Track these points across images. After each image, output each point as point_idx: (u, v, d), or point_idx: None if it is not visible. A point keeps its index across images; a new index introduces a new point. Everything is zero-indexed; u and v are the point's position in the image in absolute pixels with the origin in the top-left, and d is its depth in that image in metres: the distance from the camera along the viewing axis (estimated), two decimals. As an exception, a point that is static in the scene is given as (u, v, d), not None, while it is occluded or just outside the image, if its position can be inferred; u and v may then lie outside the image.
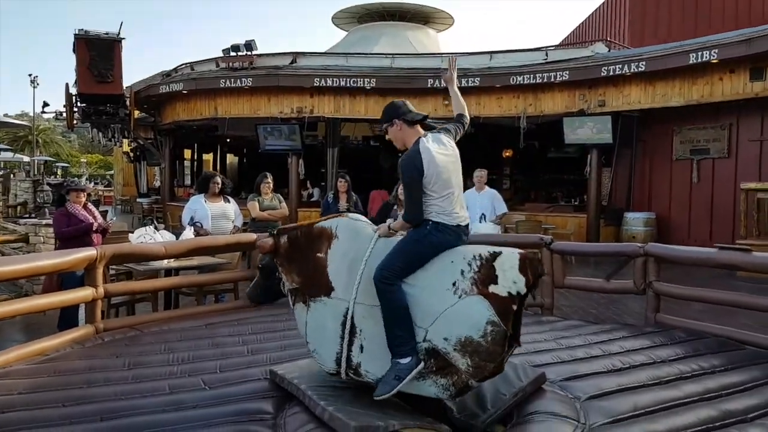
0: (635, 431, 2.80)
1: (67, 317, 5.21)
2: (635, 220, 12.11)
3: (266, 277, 3.37)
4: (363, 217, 3.31)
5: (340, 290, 3.02)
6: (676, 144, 12.18)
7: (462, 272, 2.81)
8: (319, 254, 3.11)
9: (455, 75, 3.36)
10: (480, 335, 2.71)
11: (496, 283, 2.74)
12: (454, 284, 2.81)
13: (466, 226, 3.02)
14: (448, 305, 2.79)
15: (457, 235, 2.94)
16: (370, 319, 2.94)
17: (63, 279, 5.16)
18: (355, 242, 3.06)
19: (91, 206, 5.86)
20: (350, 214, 3.31)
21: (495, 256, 2.78)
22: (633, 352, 4.08)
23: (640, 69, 11.35)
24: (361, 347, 2.96)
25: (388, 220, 3.20)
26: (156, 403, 3.10)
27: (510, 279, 2.73)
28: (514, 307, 2.74)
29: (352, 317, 2.97)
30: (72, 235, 5.49)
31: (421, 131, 3.06)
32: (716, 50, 10.34)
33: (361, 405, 2.85)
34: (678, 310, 5.78)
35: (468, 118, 3.30)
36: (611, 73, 11.73)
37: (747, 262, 4.72)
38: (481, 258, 2.80)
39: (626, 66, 11.52)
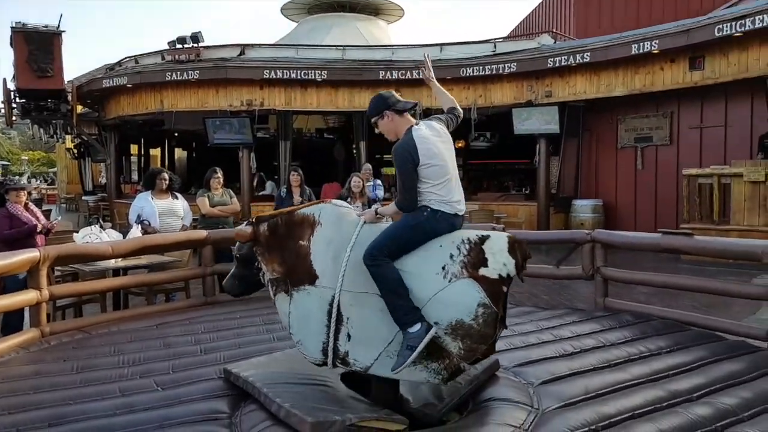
0: (586, 414, 2.88)
1: (11, 322, 5.01)
2: (583, 207, 12.50)
3: (244, 267, 3.22)
4: (346, 203, 3.28)
5: (325, 278, 2.93)
6: (620, 132, 12.59)
7: (451, 256, 2.80)
8: (301, 242, 3.00)
9: (432, 72, 3.34)
10: (471, 318, 2.71)
11: (486, 265, 2.76)
12: (443, 268, 2.79)
13: (462, 216, 3.01)
14: (438, 289, 2.78)
15: (452, 225, 2.92)
16: (358, 306, 2.89)
17: (5, 282, 4.96)
18: (339, 229, 3.00)
19: (32, 206, 5.65)
20: (333, 200, 3.23)
21: (483, 239, 2.81)
22: (583, 337, 4.21)
23: (584, 60, 11.65)
24: (349, 335, 2.89)
25: (375, 205, 3.18)
26: (107, 407, 3.02)
27: (500, 261, 2.75)
28: (505, 289, 2.78)
29: (339, 305, 2.89)
30: (15, 237, 5.27)
31: (413, 120, 3.04)
32: (657, 41, 10.70)
33: (318, 400, 2.85)
34: (625, 294, 5.99)
35: (461, 110, 3.28)
36: (557, 65, 12.01)
37: (689, 246, 4.88)
38: (469, 242, 2.81)
39: (571, 57, 11.81)
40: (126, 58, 15.24)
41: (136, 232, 5.74)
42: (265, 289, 3.25)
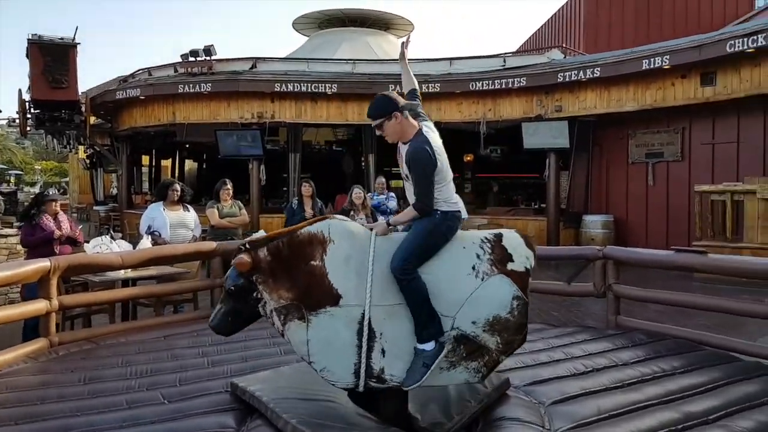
0: (599, 435, 2.82)
1: (32, 329, 5.02)
2: (593, 223, 12.40)
3: (239, 301, 2.90)
4: (347, 218, 3.25)
5: (350, 296, 2.79)
6: (631, 148, 12.52)
7: (478, 256, 2.92)
8: (313, 262, 2.81)
9: (407, 51, 3.41)
10: (507, 311, 2.86)
11: (512, 260, 2.94)
12: (473, 268, 2.89)
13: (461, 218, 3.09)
14: (473, 289, 2.85)
15: (460, 222, 3.02)
16: (391, 319, 2.81)
17: (26, 289, 5.06)
18: (354, 243, 2.89)
19: (61, 216, 5.86)
20: (336, 215, 3.15)
21: (499, 237, 2.99)
22: (595, 355, 4.12)
23: (595, 75, 11.64)
24: (383, 351, 2.80)
25: (382, 218, 3.14)
26: (113, 419, 3.00)
27: (523, 255, 2.96)
28: (530, 280, 2.97)
29: (370, 322, 2.78)
30: (34, 243, 5.57)
31: (416, 122, 3.01)
32: (668, 56, 10.68)
33: (325, 417, 2.82)
34: (637, 312, 5.89)
35: (419, 92, 3.34)
36: (567, 79, 11.99)
37: (703, 264, 4.80)
38: (489, 240, 2.96)
39: (581, 72, 11.80)
40: (139, 70, 15.43)
41: (146, 242, 5.75)
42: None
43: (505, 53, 14.16)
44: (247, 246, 2.85)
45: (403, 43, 3.43)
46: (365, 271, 2.83)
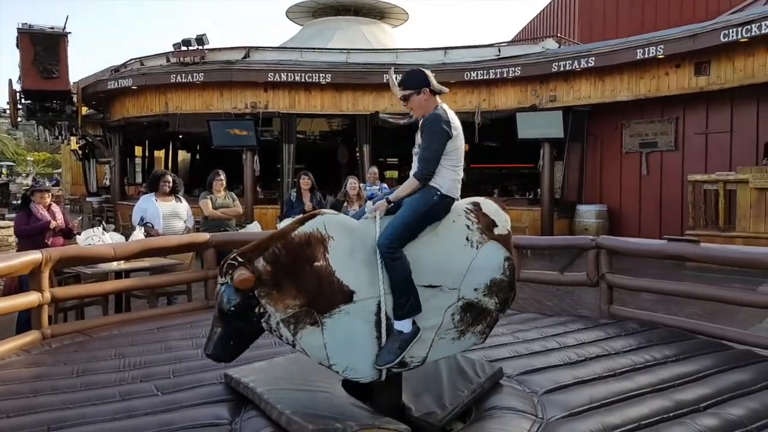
0: (591, 424, 2.86)
1: (25, 322, 4.99)
2: (587, 213, 12.43)
3: (240, 320, 2.65)
4: (334, 211, 3.14)
5: (363, 290, 2.72)
6: (625, 137, 12.54)
7: (468, 227, 3.03)
8: (317, 263, 2.65)
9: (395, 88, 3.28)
10: (501, 273, 3.03)
11: (496, 225, 3.11)
12: (467, 239, 3.01)
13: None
14: (471, 258, 2.98)
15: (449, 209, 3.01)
16: None
17: (22, 280, 4.99)
18: (353, 235, 2.80)
19: (55, 207, 5.81)
20: (324, 210, 2.98)
21: (478, 205, 3.12)
22: (588, 344, 4.16)
23: (589, 64, 11.62)
24: None
25: (372, 202, 2.97)
26: (106, 411, 3.00)
27: (503, 219, 3.16)
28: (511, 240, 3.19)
29: (386, 311, 2.76)
30: (29, 233, 5.54)
31: (438, 100, 3.03)
32: (662, 46, 10.65)
33: (319, 407, 2.82)
34: (630, 301, 5.94)
35: None
36: (562, 69, 11.95)
37: (695, 254, 4.84)
38: (471, 210, 3.08)
39: (576, 62, 11.78)
40: (131, 60, 15.31)
41: (139, 234, 5.73)
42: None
43: (500, 43, 14.11)
44: (240, 259, 2.60)
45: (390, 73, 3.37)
46: (373, 261, 2.77)
